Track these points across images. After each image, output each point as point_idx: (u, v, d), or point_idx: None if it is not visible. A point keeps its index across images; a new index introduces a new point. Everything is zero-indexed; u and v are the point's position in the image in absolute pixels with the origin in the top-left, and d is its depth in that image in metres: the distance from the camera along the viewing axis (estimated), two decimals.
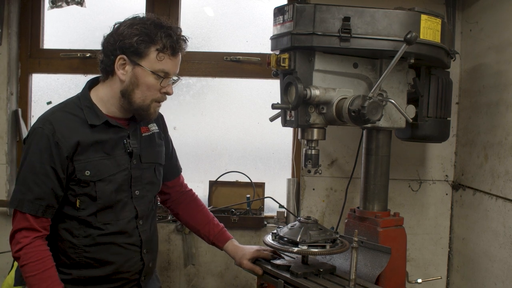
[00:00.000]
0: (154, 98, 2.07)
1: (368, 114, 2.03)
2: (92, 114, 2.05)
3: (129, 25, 2.02)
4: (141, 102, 2.05)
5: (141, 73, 2.01)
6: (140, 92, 2.03)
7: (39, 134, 1.98)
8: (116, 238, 2.11)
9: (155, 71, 2.01)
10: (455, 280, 3.08)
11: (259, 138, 3.37)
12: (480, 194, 2.72)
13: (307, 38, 2.08)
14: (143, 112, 2.08)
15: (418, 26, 2.14)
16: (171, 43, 2.01)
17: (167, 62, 2.03)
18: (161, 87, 2.06)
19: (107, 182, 2.06)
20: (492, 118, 2.59)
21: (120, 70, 2.02)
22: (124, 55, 2.00)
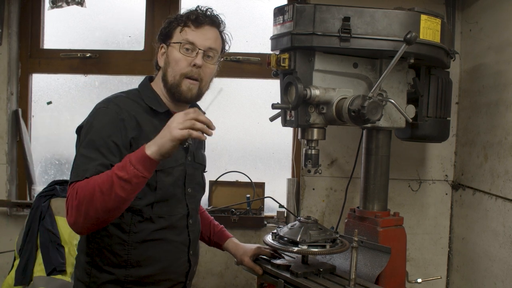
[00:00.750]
0: (183, 73, 2.03)
1: (368, 114, 2.03)
2: (155, 102, 2.06)
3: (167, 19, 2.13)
4: (172, 80, 2.04)
5: (171, 51, 2.05)
6: (171, 70, 2.05)
7: (103, 112, 1.93)
8: (167, 234, 2.05)
9: (180, 42, 2.02)
10: (455, 280, 3.08)
11: (259, 138, 3.37)
12: (480, 194, 2.73)
13: (307, 38, 2.08)
14: (175, 90, 2.05)
15: (418, 26, 2.14)
16: (193, 16, 2.05)
17: (190, 33, 2.04)
18: (189, 60, 2.02)
19: (166, 174, 2.01)
20: (492, 118, 2.60)
21: (160, 57, 2.10)
22: (161, 43, 2.09)
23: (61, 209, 2.87)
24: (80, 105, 3.38)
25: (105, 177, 1.74)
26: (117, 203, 1.73)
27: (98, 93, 3.36)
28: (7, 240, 3.20)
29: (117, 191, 1.71)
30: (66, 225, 2.79)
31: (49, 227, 2.79)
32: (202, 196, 2.31)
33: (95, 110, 1.96)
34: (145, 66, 3.23)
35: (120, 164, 1.75)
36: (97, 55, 3.27)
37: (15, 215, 3.26)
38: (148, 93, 2.09)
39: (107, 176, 1.73)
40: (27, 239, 2.82)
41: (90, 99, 3.37)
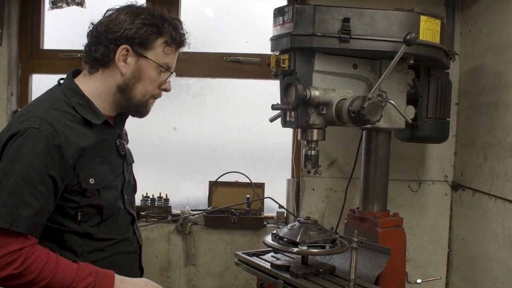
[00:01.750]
0: (153, 94, 1.92)
1: (368, 115, 2.03)
2: (89, 112, 1.82)
3: (131, 13, 1.83)
4: (141, 98, 1.89)
5: (146, 66, 1.85)
6: (141, 87, 1.87)
7: (34, 136, 1.65)
8: (120, 247, 1.95)
9: (160, 65, 1.87)
10: (455, 281, 3.08)
11: (259, 139, 3.37)
12: (480, 194, 2.73)
13: (307, 39, 2.08)
14: (141, 108, 1.93)
15: (418, 27, 2.15)
16: (180, 37, 1.91)
17: (172, 56, 1.91)
18: (162, 83, 1.92)
19: (108, 189, 1.87)
20: (491, 119, 2.60)
21: (121, 62, 1.82)
22: (128, 46, 1.81)
23: None
24: None
25: (64, 278, 1.67)
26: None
27: None
28: None
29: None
30: None
31: None
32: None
33: (22, 130, 1.66)
34: None
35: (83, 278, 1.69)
36: None
37: None
38: (79, 99, 1.82)
39: (66, 280, 1.67)
40: None
41: None
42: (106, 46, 1.82)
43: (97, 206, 1.85)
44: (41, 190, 1.66)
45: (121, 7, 1.88)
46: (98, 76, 1.87)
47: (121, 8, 1.87)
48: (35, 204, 1.65)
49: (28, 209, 1.64)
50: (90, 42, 1.89)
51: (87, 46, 1.89)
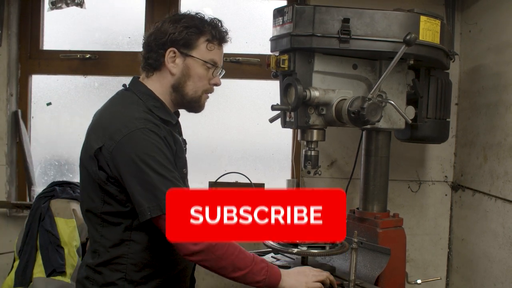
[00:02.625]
0: (204, 89, 2.07)
1: (368, 115, 2.03)
2: (165, 113, 2.01)
3: (173, 21, 2.01)
4: (193, 94, 2.05)
5: (192, 64, 2.01)
6: (192, 84, 2.03)
7: (146, 133, 1.84)
8: None
9: (206, 61, 2.02)
10: (455, 281, 3.08)
11: (258, 139, 3.36)
12: (480, 195, 2.73)
13: (307, 40, 2.08)
14: (195, 104, 2.09)
15: (417, 27, 2.14)
16: (220, 33, 2.05)
17: (216, 52, 2.04)
18: (211, 78, 2.06)
19: (186, 178, 2.09)
20: (491, 119, 2.60)
21: (170, 63, 2.00)
22: (174, 48, 1.98)
23: (61, 210, 2.87)
24: (80, 106, 3.37)
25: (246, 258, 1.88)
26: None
27: (97, 94, 3.35)
28: (7, 241, 3.20)
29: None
30: (66, 226, 2.84)
31: (49, 228, 2.79)
32: None
33: (133, 131, 1.83)
34: None
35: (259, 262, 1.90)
36: (96, 56, 3.27)
37: (14, 216, 3.26)
38: (154, 102, 2.00)
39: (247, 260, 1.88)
40: (26, 240, 2.82)
41: (90, 100, 3.36)
42: (156, 52, 2.00)
43: None
44: (175, 173, 1.86)
45: (165, 18, 2.06)
46: (155, 79, 2.05)
47: (165, 18, 2.06)
48: (180, 184, 1.83)
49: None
50: (144, 52, 2.07)
51: (142, 56, 2.07)
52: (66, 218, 2.86)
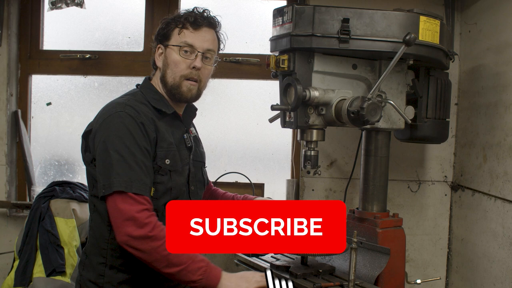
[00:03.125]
0: (183, 75, 2.07)
1: (367, 115, 2.03)
2: (162, 104, 2.08)
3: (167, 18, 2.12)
4: (172, 81, 2.07)
5: (169, 53, 2.07)
6: (170, 71, 2.07)
7: (122, 116, 1.91)
8: None
9: (178, 45, 2.05)
10: (454, 281, 3.08)
11: (258, 139, 3.37)
12: (479, 195, 2.73)
13: (306, 40, 2.08)
14: (175, 91, 2.08)
15: (417, 27, 2.15)
16: (191, 18, 2.07)
17: (188, 35, 2.06)
18: (189, 64, 2.06)
19: (178, 174, 2.07)
20: (491, 119, 2.60)
21: (158, 58, 2.11)
22: (160, 44, 2.10)
23: (61, 210, 2.88)
24: (80, 106, 3.38)
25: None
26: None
27: (97, 94, 3.36)
28: (7, 241, 3.20)
29: None
30: (66, 226, 2.84)
31: (49, 228, 2.79)
32: (203, 193, 2.34)
33: (109, 115, 1.93)
34: (144, 67, 3.22)
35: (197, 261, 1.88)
36: (96, 56, 3.28)
37: (14, 216, 3.27)
38: (153, 94, 2.10)
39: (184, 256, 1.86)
40: (26, 240, 2.82)
41: (90, 100, 3.37)
42: (153, 51, 2.15)
43: (167, 187, 2.03)
44: (142, 158, 1.90)
45: None
46: (155, 76, 2.16)
47: None
48: (138, 169, 1.87)
49: (134, 174, 1.86)
50: None
51: None
52: (66, 218, 2.86)
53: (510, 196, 2.40)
